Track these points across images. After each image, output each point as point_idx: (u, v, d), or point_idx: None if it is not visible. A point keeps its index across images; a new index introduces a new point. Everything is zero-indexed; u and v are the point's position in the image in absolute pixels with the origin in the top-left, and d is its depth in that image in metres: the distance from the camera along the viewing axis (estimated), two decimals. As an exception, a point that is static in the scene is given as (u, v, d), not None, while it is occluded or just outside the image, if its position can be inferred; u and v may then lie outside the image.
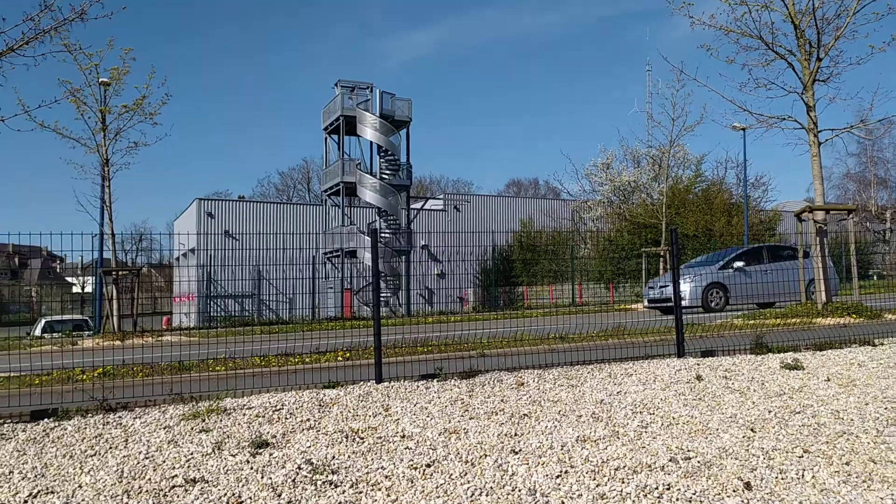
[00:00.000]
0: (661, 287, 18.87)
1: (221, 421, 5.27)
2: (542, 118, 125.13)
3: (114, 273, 17.67)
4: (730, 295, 18.06)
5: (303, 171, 78.26)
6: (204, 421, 5.27)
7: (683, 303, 16.01)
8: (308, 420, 5.25)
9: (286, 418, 5.32)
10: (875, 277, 38.35)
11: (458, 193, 56.14)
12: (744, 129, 23.92)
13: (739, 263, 18.37)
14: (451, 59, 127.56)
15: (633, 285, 33.37)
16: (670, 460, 4.48)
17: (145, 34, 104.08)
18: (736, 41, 13.30)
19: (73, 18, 8.26)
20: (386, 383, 6.38)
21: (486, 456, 4.55)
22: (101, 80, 17.46)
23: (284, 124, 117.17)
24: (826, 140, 13.03)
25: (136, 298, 19.61)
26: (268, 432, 4.97)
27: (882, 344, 8.07)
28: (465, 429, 5.07)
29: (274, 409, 5.54)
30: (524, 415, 5.40)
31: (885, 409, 5.49)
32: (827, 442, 4.81)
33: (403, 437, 4.91)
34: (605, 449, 4.70)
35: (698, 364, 7.06)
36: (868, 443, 4.78)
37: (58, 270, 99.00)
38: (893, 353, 7.48)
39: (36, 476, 4.22)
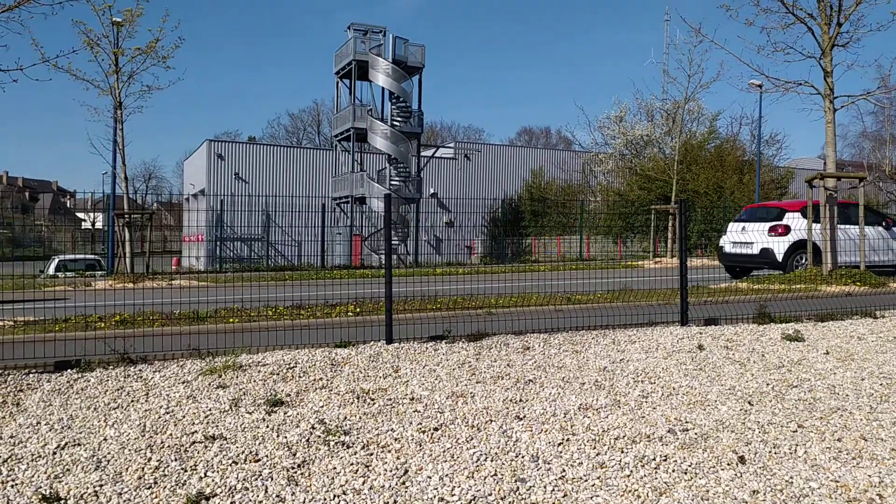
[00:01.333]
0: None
1: (238, 377, 5.47)
2: (557, 66, 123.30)
3: (126, 216, 17.85)
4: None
5: (313, 114, 77.76)
6: (221, 377, 5.47)
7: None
8: (321, 379, 5.44)
9: (300, 377, 5.51)
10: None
11: (469, 141, 55.78)
12: (760, 86, 23.59)
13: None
14: (465, 3, 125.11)
15: (642, 240, 33.45)
16: (668, 431, 4.66)
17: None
18: (756, 3, 13.10)
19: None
20: (396, 344, 6.56)
21: (491, 421, 4.75)
22: (113, 19, 17.34)
23: (295, 66, 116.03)
24: (842, 106, 12.94)
25: (147, 240, 19.84)
26: (282, 390, 5.17)
27: (883, 316, 8.20)
28: (471, 393, 5.25)
29: (288, 366, 5.74)
30: (529, 380, 5.58)
31: (881, 384, 5.65)
32: (821, 417, 4.97)
33: (413, 399, 5.11)
34: (606, 418, 4.88)
35: (701, 333, 7.21)
36: (861, 419, 4.94)
37: (68, 206, 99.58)
38: (893, 327, 7.61)
39: (63, 427, 4.44)
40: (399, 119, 33.24)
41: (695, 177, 33.17)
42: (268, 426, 4.41)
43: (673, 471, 3.98)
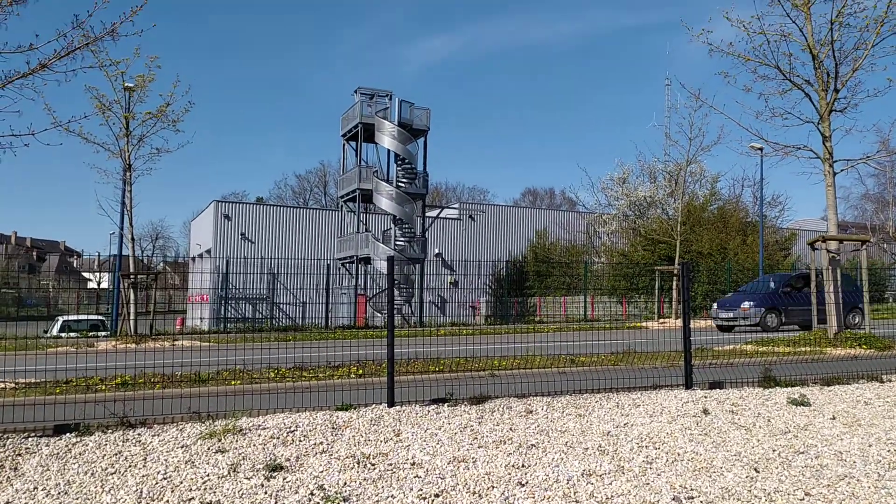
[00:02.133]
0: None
1: (237, 441, 5.42)
2: (560, 127, 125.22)
3: (131, 276, 17.93)
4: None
5: (320, 175, 78.68)
6: (220, 441, 5.42)
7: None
8: (321, 443, 5.39)
9: (300, 440, 5.46)
10: (891, 300, 38.11)
11: (474, 202, 56.24)
12: (760, 149, 23.90)
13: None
14: (470, 66, 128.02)
15: (647, 300, 33.36)
16: (673, 499, 4.58)
17: (167, 39, 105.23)
18: (753, 70, 13.40)
19: (104, 36, 8.47)
20: (398, 407, 6.51)
21: (493, 487, 4.68)
22: (125, 84, 17.76)
23: (303, 127, 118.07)
24: (842, 170, 13.09)
25: (152, 300, 19.87)
26: (282, 455, 5.11)
27: (890, 381, 8.12)
28: (473, 458, 5.19)
29: (288, 430, 5.69)
30: (532, 445, 5.51)
31: (888, 451, 5.56)
32: (828, 485, 4.89)
33: (413, 464, 5.04)
34: (610, 484, 4.80)
35: (706, 396, 7.15)
36: (868, 487, 4.85)
37: (75, 266, 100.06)
38: (901, 392, 7.54)
39: (59, 493, 4.39)
40: (404, 180, 33.65)
41: (698, 238, 33.28)
42: (266, 492, 4.35)
43: (678, 540, 3.91)
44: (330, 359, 10.94)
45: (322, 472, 4.79)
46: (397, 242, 33.31)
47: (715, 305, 22.73)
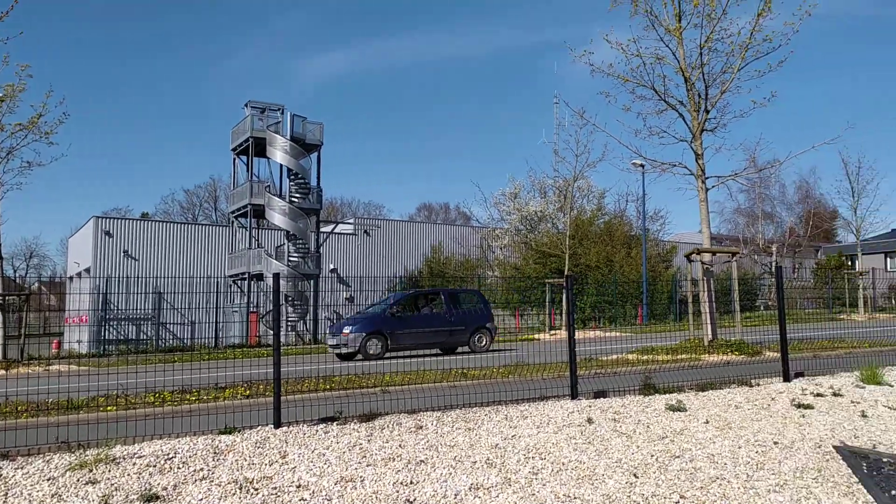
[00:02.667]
0: (334, 334, 18.44)
1: (110, 471, 5.13)
2: (454, 143, 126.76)
3: (1, 297, 16.76)
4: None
5: (210, 190, 76.24)
6: (91, 471, 5.12)
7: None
8: (202, 470, 5.18)
9: (179, 468, 5.23)
10: (762, 308, 40.65)
11: (369, 217, 56.03)
12: (642, 166, 25.07)
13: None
14: (365, 81, 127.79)
15: (539, 313, 34.15)
16: (557, 508, 4.68)
17: (43, 46, 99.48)
18: (632, 90, 14.07)
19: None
20: (284, 428, 6.35)
21: (380, 506, 4.64)
22: (-9, 94, 16.65)
23: (191, 141, 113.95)
24: (713, 186, 13.93)
25: (24, 323, 18.64)
26: (158, 484, 4.88)
27: (758, 384, 8.64)
28: (361, 476, 5.13)
29: (166, 457, 5.44)
30: (421, 461, 5.51)
31: (756, 452, 5.90)
32: (701, 487, 5.13)
33: (299, 486, 4.93)
34: (497, 497, 4.86)
35: (590, 406, 7.37)
36: (738, 487, 5.13)
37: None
38: (767, 395, 8.02)
39: None
40: (298, 195, 33.15)
41: (586, 251, 34.46)
42: (140, 524, 4.14)
43: (560, 549, 3.99)
44: (218, 380, 10.59)
45: (201, 499, 4.60)
46: (291, 258, 32.72)
47: (328, 331, 20.59)
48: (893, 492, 5.18)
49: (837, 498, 4.97)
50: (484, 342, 19.18)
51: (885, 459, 5.92)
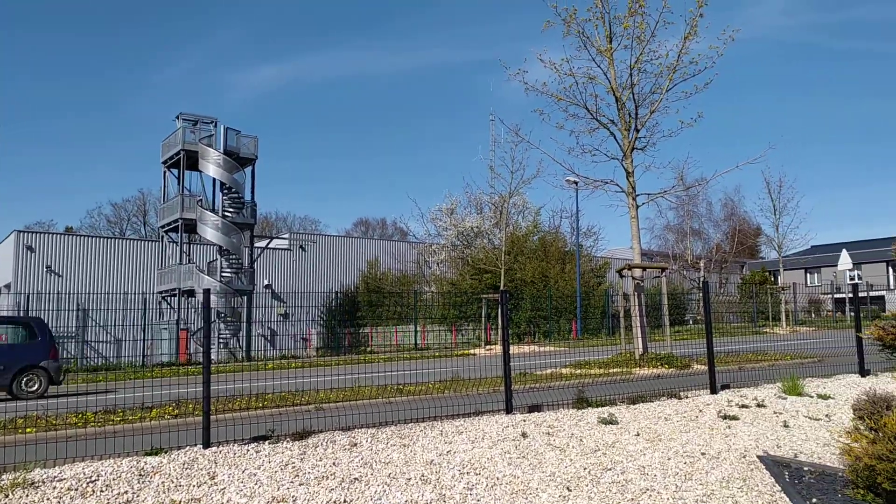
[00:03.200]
0: None
1: (28, 496, 4.90)
2: (392, 158, 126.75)
3: None
4: None
5: (138, 204, 74.06)
6: (7, 497, 4.87)
7: None
8: (126, 493, 5.00)
9: (102, 491, 5.03)
10: (691, 322, 41.80)
11: (305, 232, 55.41)
12: (576, 183, 25.55)
13: None
14: (302, 96, 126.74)
15: (475, 328, 34.30)
16: (491, 523, 4.69)
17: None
18: (565, 109, 14.37)
19: None
20: (214, 448, 6.19)
21: (312, 526, 4.55)
22: None
23: (119, 153, 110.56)
24: (643, 203, 14.31)
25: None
26: (80, 508, 4.68)
27: (686, 397, 8.86)
28: (293, 496, 5.03)
29: (89, 480, 5.22)
30: (355, 479, 5.44)
31: (684, 463, 6.04)
32: (632, 499, 5.21)
33: (229, 508, 4.80)
34: (431, 513, 4.84)
35: (524, 420, 7.42)
36: (668, 498, 5.23)
37: None
38: (695, 407, 8.24)
39: None
40: (231, 210, 32.54)
41: (522, 267, 34.83)
42: (59, 551, 3.96)
43: (494, 564, 3.99)
44: (144, 399, 10.25)
45: (126, 523, 4.44)
46: (223, 274, 32.04)
47: None
48: (814, 500, 5.38)
49: (761, 506, 5.12)
50: (35, 387, 14.32)
51: (806, 468, 6.14)
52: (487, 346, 26.42)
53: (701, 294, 9.75)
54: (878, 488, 5.08)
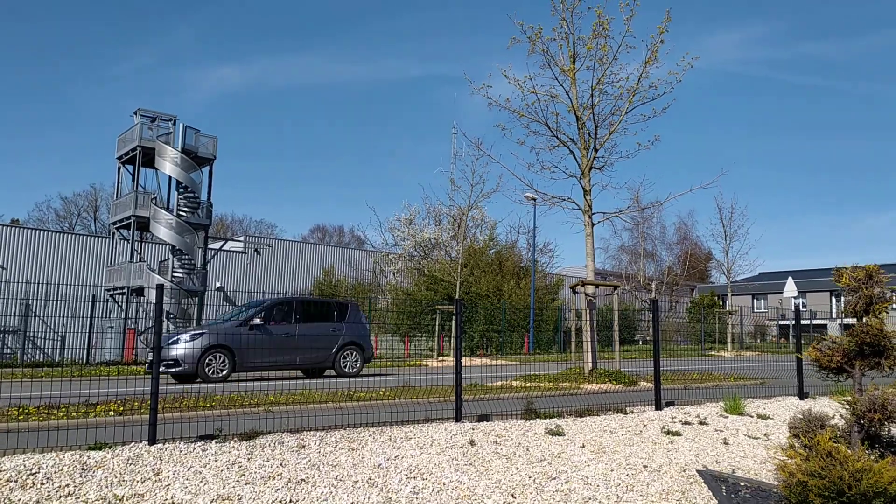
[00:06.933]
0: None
1: (-36, 487, 4.80)
2: (351, 167, 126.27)
3: None
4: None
5: (90, 199, 72.37)
6: (-58, 487, 4.77)
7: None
8: (67, 486, 4.93)
9: (42, 483, 4.95)
10: (641, 342, 42.51)
11: (261, 236, 54.84)
12: (534, 199, 25.88)
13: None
14: (264, 99, 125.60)
15: (428, 339, 34.34)
16: (436, 527, 4.74)
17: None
18: (526, 125, 14.60)
19: None
20: (160, 445, 6.12)
21: (257, 525, 4.55)
22: None
23: (72, 147, 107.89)
24: (599, 222, 14.58)
25: None
26: (19, 500, 4.60)
27: (632, 412, 9.05)
28: (239, 495, 5.02)
29: (29, 472, 5.13)
30: (301, 480, 5.45)
31: (626, 475, 6.19)
32: (575, 507, 5.33)
33: (173, 504, 4.77)
34: (377, 516, 4.87)
35: (473, 429, 7.50)
36: (609, 507, 5.36)
37: None
38: (640, 422, 8.42)
39: None
40: (186, 209, 32.07)
41: (477, 280, 35.04)
42: (-5, 542, 3.89)
43: (437, 566, 4.04)
44: (90, 396, 10.04)
45: (66, 516, 4.38)
46: (175, 274, 31.52)
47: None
48: (748, 512, 5.57)
49: (698, 517, 5.28)
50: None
51: (742, 483, 6.34)
52: (440, 358, 26.47)
53: (647, 311, 10.02)
54: None
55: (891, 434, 5.55)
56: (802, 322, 11.97)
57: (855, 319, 5.57)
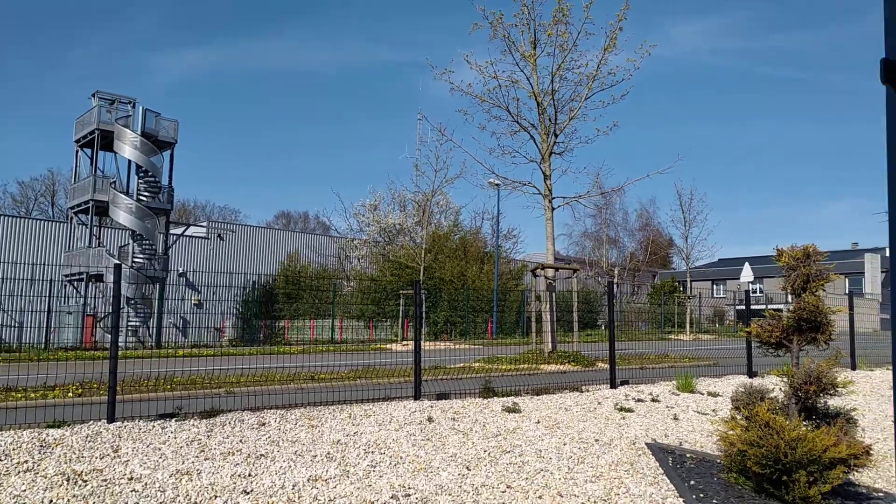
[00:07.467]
0: None
1: (-80, 464, 4.82)
2: (317, 152, 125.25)
3: None
4: None
5: (47, 183, 70.82)
6: None
7: None
8: (26, 462, 4.97)
9: (1, 459, 4.98)
10: (602, 326, 43.14)
11: (224, 221, 54.31)
12: (498, 185, 26.10)
13: None
14: (228, 83, 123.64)
15: (393, 324, 34.47)
16: (392, 497, 4.90)
17: None
18: (488, 111, 14.73)
19: None
20: (119, 423, 6.17)
21: (216, 497, 4.66)
22: None
23: (28, 130, 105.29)
24: (559, 206, 14.82)
25: None
26: (-24, 476, 4.64)
27: (588, 390, 9.31)
28: (198, 470, 5.11)
29: (-14, 450, 5.16)
30: (261, 455, 5.55)
31: (578, 448, 6.41)
32: (527, 478, 5.52)
33: (131, 479, 4.85)
34: (335, 488, 5.01)
35: (432, 406, 7.66)
36: (560, 478, 5.57)
37: None
38: (595, 399, 8.67)
39: None
40: (146, 194, 31.65)
41: (441, 265, 35.20)
42: (-47, 515, 3.94)
43: (391, 532, 4.19)
44: (48, 380, 9.99)
45: (24, 490, 4.43)
46: (135, 259, 31.12)
47: None
48: (692, 481, 5.82)
49: (644, 487, 5.52)
50: None
51: (688, 455, 6.60)
52: (404, 342, 26.63)
53: (609, 296, 10.27)
54: (749, 472, 5.55)
55: (826, 405, 5.83)
56: (758, 306, 12.34)
57: (794, 297, 5.84)
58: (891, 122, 1.06)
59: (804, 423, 5.77)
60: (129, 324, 30.56)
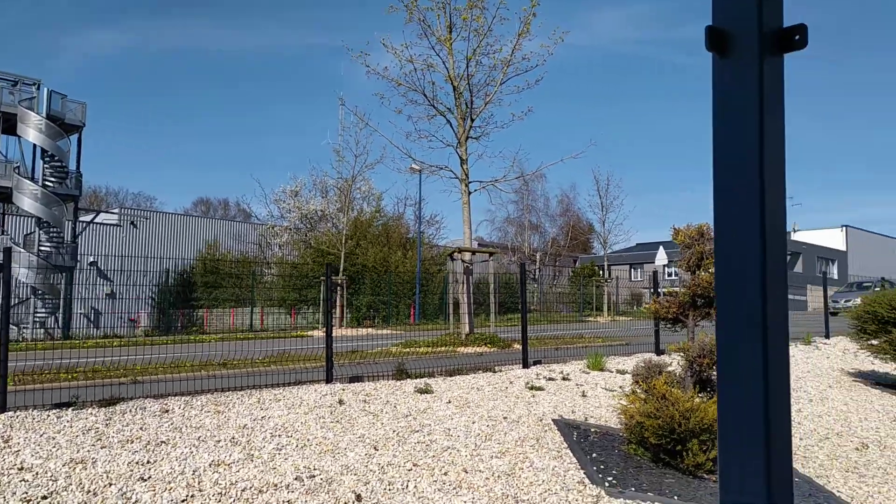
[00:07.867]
0: None
1: None
2: (236, 138, 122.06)
3: None
4: None
5: (-55, 168, 66.84)
6: None
7: None
8: None
9: None
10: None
11: (138, 208, 52.48)
12: (420, 171, 26.08)
13: None
14: (142, 65, 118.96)
15: (315, 312, 34.10)
16: (296, 479, 4.87)
17: None
18: (405, 94, 14.68)
19: None
20: (11, 413, 5.91)
21: (111, 484, 4.53)
22: None
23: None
24: (475, 190, 14.93)
25: None
26: None
27: (500, 371, 9.45)
28: (94, 458, 4.95)
29: None
30: (161, 442, 5.42)
31: (487, 426, 6.51)
32: (434, 456, 5.58)
33: (22, 468, 4.67)
34: (238, 472, 4.94)
35: (343, 389, 7.64)
36: (466, 455, 5.65)
37: None
38: (507, 379, 8.81)
39: None
40: (53, 179, 30.27)
41: (364, 252, 35.01)
42: None
43: (291, 512, 4.17)
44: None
45: None
46: (42, 248, 29.78)
47: None
48: (594, 454, 6.00)
49: (548, 461, 5.66)
50: None
51: (593, 429, 6.81)
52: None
53: (529, 280, 10.43)
54: (647, 443, 5.76)
55: (719, 377, 6.10)
56: (667, 288, 12.75)
57: (689, 274, 6.07)
58: (716, 90, 1.11)
59: (699, 394, 6.03)
60: (37, 316, 29.27)
